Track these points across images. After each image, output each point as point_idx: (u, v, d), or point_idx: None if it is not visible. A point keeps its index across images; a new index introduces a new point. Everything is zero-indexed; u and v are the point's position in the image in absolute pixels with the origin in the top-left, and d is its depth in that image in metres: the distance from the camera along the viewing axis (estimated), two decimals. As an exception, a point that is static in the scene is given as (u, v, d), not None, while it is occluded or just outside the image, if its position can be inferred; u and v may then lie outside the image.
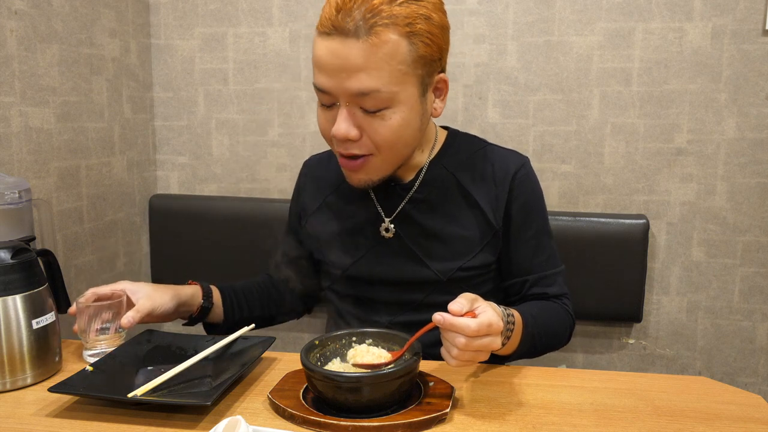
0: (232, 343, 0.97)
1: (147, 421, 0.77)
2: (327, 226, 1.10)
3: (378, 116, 0.89)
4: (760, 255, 1.60)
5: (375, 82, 0.86)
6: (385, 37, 0.84)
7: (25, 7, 1.31)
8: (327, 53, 0.87)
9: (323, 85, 0.89)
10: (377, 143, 0.92)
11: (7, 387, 0.87)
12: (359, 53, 0.84)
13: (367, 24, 0.84)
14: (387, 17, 0.84)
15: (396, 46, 0.85)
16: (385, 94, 0.87)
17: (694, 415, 0.79)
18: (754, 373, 1.64)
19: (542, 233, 1.06)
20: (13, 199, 1.06)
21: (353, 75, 0.86)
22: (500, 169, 1.04)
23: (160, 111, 1.82)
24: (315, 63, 0.90)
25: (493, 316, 0.78)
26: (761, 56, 1.52)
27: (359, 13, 0.84)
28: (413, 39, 0.86)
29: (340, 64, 0.86)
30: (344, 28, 0.84)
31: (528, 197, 1.05)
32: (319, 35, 0.88)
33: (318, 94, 0.92)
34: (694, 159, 1.59)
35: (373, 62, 0.85)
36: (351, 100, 0.88)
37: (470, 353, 0.77)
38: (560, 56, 1.60)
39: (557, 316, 1.03)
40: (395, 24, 0.84)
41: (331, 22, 0.85)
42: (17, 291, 0.88)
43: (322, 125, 0.95)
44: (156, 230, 1.80)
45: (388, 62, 0.86)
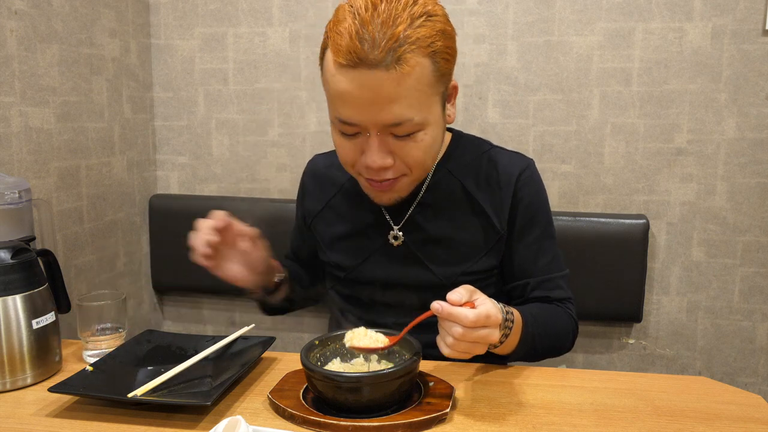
0: (232, 343, 0.97)
1: (147, 421, 0.77)
2: (331, 228, 1.10)
3: (410, 140, 0.87)
4: (760, 255, 1.60)
5: (408, 110, 0.84)
6: (413, 62, 0.81)
7: (25, 7, 1.31)
8: (355, 87, 0.82)
9: (352, 119, 0.86)
10: (410, 165, 0.90)
11: (7, 387, 0.87)
12: (390, 84, 0.81)
13: (395, 53, 0.80)
14: (412, 42, 0.81)
15: (423, 70, 0.83)
16: (417, 120, 0.85)
17: (694, 415, 0.79)
18: (754, 373, 1.64)
19: (546, 236, 1.05)
20: (13, 199, 1.06)
21: (385, 107, 0.83)
22: (504, 173, 1.03)
23: (160, 111, 1.82)
24: (339, 96, 0.85)
25: (492, 308, 0.77)
26: (761, 56, 1.52)
27: (385, 43, 0.79)
28: (436, 58, 0.84)
29: (370, 97, 0.82)
30: (371, 59, 0.80)
31: (532, 199, 1.03)
32: (341, 67, 0.82)
33: (341, 126, 0.88)
34: (694, 159, 1.59)
35: (404, 91, 0.82)
36: (383, 129, 0.86)
37: (466, 344, 0.77)
38: (560, 56, 1.60)
39: (559, 318, 1.01)
40: (419, 47, 0.82)
41: (356, 54, 0.80)
42: (17, 291, 0.88)
43: (347, 155, 0.92)
44: (156, 230, 1.80)
45: (418, 88, 0.83)
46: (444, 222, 1.02)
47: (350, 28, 0.81)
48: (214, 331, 1.89)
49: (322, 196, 1.12)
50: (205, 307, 1.90)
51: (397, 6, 0.81)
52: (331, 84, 0.85)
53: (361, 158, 0.90)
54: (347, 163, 0.94)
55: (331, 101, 0.88)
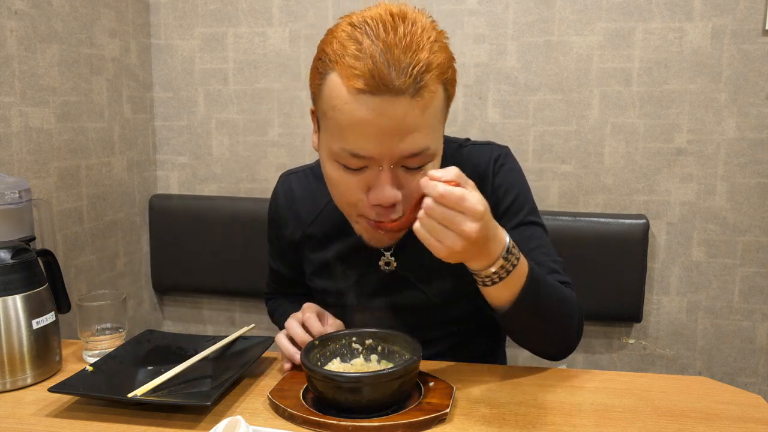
0: (232, 343, 0.97)
1: (147, 421, 0.77)
2: (315, 255, 1.04)
3: (419, 172, 0.81)
4: (760, 255, 1.60)
5: (427, 140, 0.78)
6: (433, 89, 0.76)
7: (25, 7, 1.31)
8: (375, 116, 0.74)
9: (368, 151, 0.77)
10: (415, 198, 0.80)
11: (7, 387, 0.87)
12: (414, 113, 0.75)
13: (421, 81, 0.74)
14: (435, 68, 0.76)
15: (439, 98, 0.79)
16: (433, 150, 0.80)
17: (694, 415, 0.79)
18: (754, 373, 1.64)
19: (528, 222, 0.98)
20: (13, 199, 1.06)
21: (407, 137, 0.76)
22: (480, 168, 0.97)
23: (160, 111, 1.82)
24: (353, 125, 0.76)
25: (474, 195, 0.70)
26: (761, 56, 1.52)
27: (411, 68, 0.73)
28: (447, 85, 0.81)
29: (392, 127, 0.75)
30: (397, 86, 0.73)
31: (507, 187, 0.97)
32: (359, 94, 0.74)
33: (348, 159, 0.79)
34: (694, 159, 1.59)
35: (426, 120, 0.77)
36: (397, 162, 0.79)
37: (434, 223, 0.70)
38: (560, 56, 1.60)
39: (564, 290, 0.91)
40: (438, 74, 0.77)
41: (381, 80, 0.73)
42: (17, 291, 0.88)
43: (349, 194, 0.83)
44: (156, 230, 1.80)
45: (435, 116, 0.79)
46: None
47: (371, 49, 0.74)
48: (214, 331, 1.89)
49: (300, 222, 1.05)
50: (205, 307, 1.90)
51: (415, 30, 0.76)
52: (342, 113, 0.76)
53: (365, 196, 0.82)
54: (347, 202, 0.85)
55: (338, 132, 0.79)
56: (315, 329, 0.91)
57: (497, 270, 0.76)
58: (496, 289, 0.79)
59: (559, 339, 0.92)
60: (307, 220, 1.04)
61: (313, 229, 1.03)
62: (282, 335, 0.92)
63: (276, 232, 1.10)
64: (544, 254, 0.96)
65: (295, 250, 1.08)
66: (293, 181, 1.08)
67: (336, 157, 0.81)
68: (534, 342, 0.92)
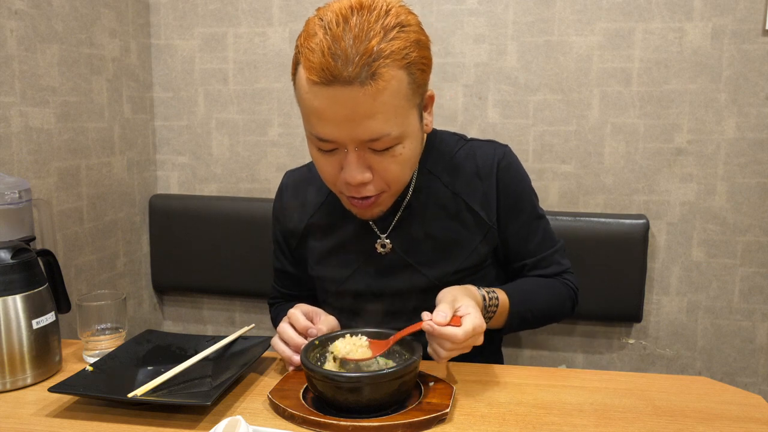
0: (232, 343, 0.97)
1: (147, 421, 0.77)
2: (317, 244, 1.08)
3: (388, 154, 0.86)
4: (760, 255, 1.60)
5: (385, 125, 0.82)
6: (388, 76, 0.79)
7: (25, 7, 1.31)
8: (330, 104, 0.81)
9: (329, 136, 0.84)
10: (389, 180, 0.89)
11: (7, 387, 0.87)
12: (366, 100, 0.79)
13: (369, 69, 0.78)
14: (387, 56, 0.79)
15: (398, 83, 0.81)
16: (395, 134, 0.84)
17: (694, 415, 0.79)
18: (754, 373, 1.64)
19: (533, 217, 1.06)
20: (13, 199, 1.06)
21: (362, 123, 0.81)
22: (484, 164, 1.02)
23: (160, 111, 1.82)
24: (314, 113, 0.83)
25: (477, 319, 0.81)
26: (761, 56, 1.52)
27: (359, 58, 0.77)
28: (411, 69, 0.82)
29: (346, 114, 0.81)
30: (345, 76, 0.78)
31: (515, 185, 1.04)
32: (314, 85, 0.80)
33: (317, 143, 0.87)
34: (694, 159, 1.59)
35: (380, 106, 0.81)
36: (360, 145, 0.85)
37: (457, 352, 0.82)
38: (560, 56, 1.60)
39: (554, 290, 1.06)
40: (394, 60, 0.80)
41: (329, 72, 0.78)
42: (17, 291, 0.88)
43: (327, 172, 0.91)
44: (156, 230, 1.80)
45: (394, 102, 0.82)
46: (430, 223, 1.01)
47: (322, 43, 0.78)
48: (214, 331, 1.89)
49: (304, 214, 1.09)
50: (205, 307, 1.90)
51: (369, 18, 0.79)
52: (306, 101, 0.83)
53: (340, 174, 0.88)
54: (328, 180, 0.93)
55: (306, 118, 0.86)
56: (299, 324, 0.92)
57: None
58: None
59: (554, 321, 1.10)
60: (310, 211, 1.09)
61: (316, 218, 1.08)
62: (277, 339, 0.93)
63: (281, 226, 1.14)
64: (548, 247, 1.08)
65: (298, 241, 1.11)
66: (296, 176, 1.14)
67: (310, 140, 0.89)
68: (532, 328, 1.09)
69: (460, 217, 1.02)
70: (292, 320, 0.93)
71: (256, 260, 1.70)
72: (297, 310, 0.95)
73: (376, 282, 1.03)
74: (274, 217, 1.16)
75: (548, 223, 1.09)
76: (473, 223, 1.02)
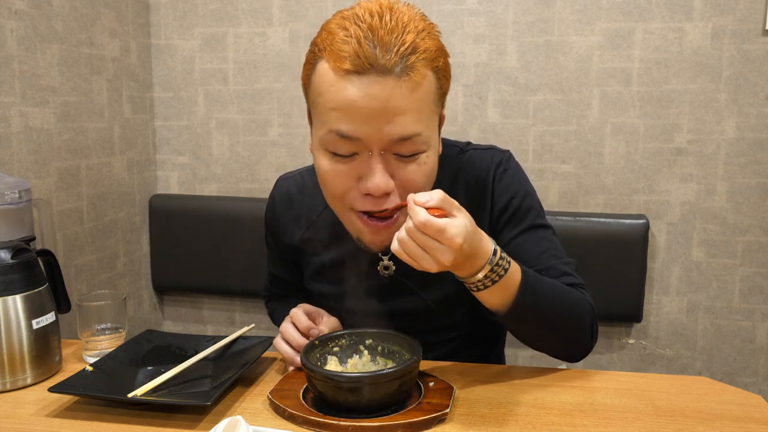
0: (232, 343, 0.97)
1: (147, 421, 0.77)
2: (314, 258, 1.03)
3: (413, 161, 0.80)
4: (760, 255, 1.60)
5: (417, 124, 0.77)
6: (423, 72, 0.76)
7: (25, 7, 1.31)
8: (362, 95, 0.74)
9: (354, 133, 0.76)
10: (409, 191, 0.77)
11: (7, 387, 0.87)
12: (402, 93, 0.75)
13: (407, 60, 0.75)
14: (422, 52, 0.76)
15: (429, 84, 0.78)
16: (424, 137, 0.79)
17: (694, 415, 0.79)
18: (754, 373, 1.64)
19: (535, 226, 0.96)
20: (13, 199, 1.06)
21: (394, 118, 0.76)
22: (480, 174, 0.96)
23: (160, 111, 1.82)
24: (340, 108, 0.76)
25: (454, 227, 0.70)
26: (761, 56, 1.52)
27: (397, 48, 0.74)
28: (438, 74, 0.80)
29: (379, 107, 0.75)
30: (383, 64, 0.73)
31: (511, 193, 0.96)
32: (347, 74, 0.75)
33: (336, 143, 0.78)
34: (694, 159, 1.59)
35: (414, 102, 0.76)
36: (387, 147, 0.78)
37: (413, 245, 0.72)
38: (560, 56, 1.60)
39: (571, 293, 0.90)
40: (427, 59, 0.77)
41: (366, 59, 0.73)
42: (17, 291, 0.88)
43: (338, 184, 0.81)
44: (156, 230, 1.80)
45: (426, 102, 0.78)
46: None
47: (356, 33, 0.75)
48: (214, 331, 1.89)
49: (297, 228, 1.04)
50: (205, 307, 1.90)
51: (401, 17, 0.77)
52: (330, 95, 0.77)
53: (357, 185, 0.80)
54: (336, 194, 0.83)
55: (327, 116, 0.78)
56: (301, 324, 0.91)
57: (482, 279, 0.77)
58: (487, 293, 0.80)
59: (567, 342, 0.92)
60: (305, 224, 1.03)
61: (311, 232, 1.03)
62: (279, 339, 0.93)
63: (273, 236, 1.10)
64: (554, 257, 0.94)
65: (293, 254, 1.07)
66: (290, 185, 1.07)
67: (325, 144, 0.80)
68: (542, 343, 0.92)
69: None
70: (294, 320, 0.93)
71: (256, 260, 1.69)
72: (299, 310, 0.94)
73: (373, 301, 0.99)
74: (266, 223, 1.11)
75: (555, 235, 0.98)
76: None
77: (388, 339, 0.88)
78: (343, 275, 1.00)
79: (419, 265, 0.74)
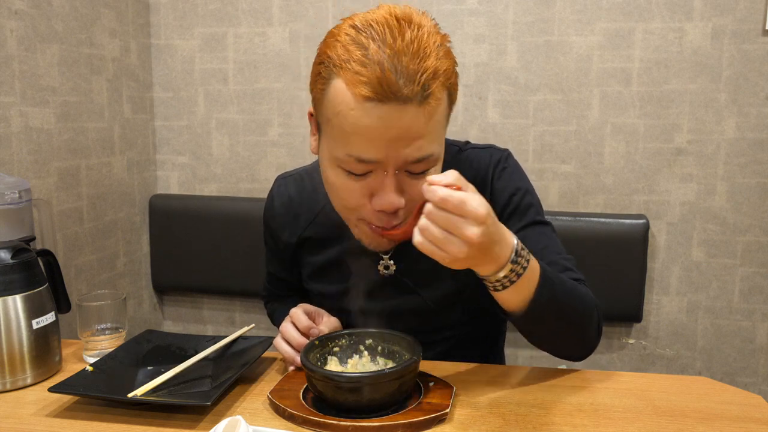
0: (232, 343, 0.97)
1: (147, 421, 0.77)
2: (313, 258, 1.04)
3: (422, 177, 0.79)
4: (760, 255, 1.60)
5: (431, 146, 0.78)
6: (438, 96, 0.76)
7: (25, 7, 1.31)
8: (382, 123, 0.73)
9: (373, 157, 0.76)
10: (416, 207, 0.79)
11: (7, 387, 0.87)
12: (421, 119, 0.74)
13: (427, 87, 0.74)
14: (441, 75, 0.75)
15: (443, 104, 0.78)
16: (437, 156, 0.80)
17: (694, 415, 0.79)
18: (754, 373, 1.64)
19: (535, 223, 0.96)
20: (13, 199, 1.06)
21: (412, 143, 0.75)
22: (479, 173, 0.96)
23: (160, 111, 1.82)
24: (358, 132, 0.75)
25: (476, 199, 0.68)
26: (761, 56, 1.52)
27: (419, 76, 0.73)
28: (451, 91, 0.80)
29: (398, 134, 0.74)
30: (405, 94, 0.72)
31: (509, 191, 0.96)
32: (366, 101, 0.73)
33: (353, 165, 0.78)
34: (694, 159, 1.59)
35: (432, 126, 0.76)
36: (402, 166, 0.78)
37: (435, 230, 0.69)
38: (560, 56, 1.60)
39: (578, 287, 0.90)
40: (444, 80, 0.76)
41: (389, 88, 0.72)
42: (17, 291, 0.88)
43: (352, 199, 0.82)
44: (156, 230, 1.80)
45: (441, 122, 0.79)
46: None
47: (378, 56, 0.72)
48: (214, 331, 1.89)
49: (297, 226, 1.04)
50: (205, 307, 1.90)
51: (421, 35, 0.74)
52: (349, 119, 0.75)
53: (368, 201, 0.81)
54: (350, 207, 0.83)
55: (343, 138, 0.77)
56: (301, 324, 0.91)
57: (507, 274, 0.75)
58: (508, 293, 0.77)
59: (578, 338, 0.91)
60: (303, 224, 1.03)
61: (310, 232, 1.03)
62: (279, 339, 0.93)
63: (272, 235, 1.09)
64: (554, 253, 0.94)
65: (292, 253, 1.07)
66: (289, 185, 1.07)
67: (340, 163, 0.79)
68: (553, 343, 0.91)
69: None
70: (294, 319, 0.92)
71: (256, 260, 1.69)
72: (299, 309, 0.94)
73: (373, 301, 0.98)
74: (265, 223, 1.11)
75: (555, 233, 0.99)
76: None
77: (388, 339, 0.88)
78: (343, 274, 1.00)
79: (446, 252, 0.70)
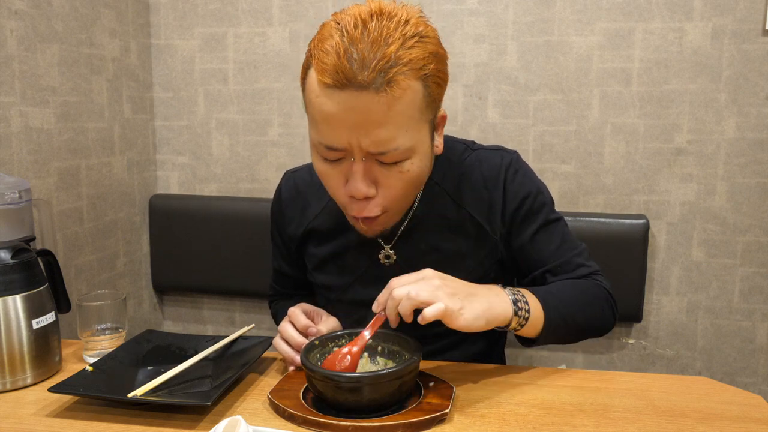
0: (232, 343, 0.97)
1: (147, 421, 0.77)
2: (317, 250, 1.05)
3: (395, 169, 0.82)
4: (760, 255, 1.60)
5: (396, 136, 0.79)
6: (404, 85, 0.76)
7: (25, 7, 1.31)
8: (341, 109, 0.77)
9: (336, 144, 0.80)
10: (393, 197, 0.85)
11: (7, 387, 0.87)
12: (380, 107, 0.76)
13: (386, 75, 0.75)
14: (404, 63, 0.76)
15: (413, 94, 0.78)
16: (405, 147, 0.80)
17: (694, 415, 0.79)
18: (754, 373, 1.64)
19: (549, 221, 1.00)
20: (13, 199, 1.06)
21: (373, 131, 0.77)
22: (491, 174, 0.99)
23: (160, 111, 1.82)
24: (323, 119, 0.79)
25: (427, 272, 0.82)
26: (761, 56, 1.52)
27: (376, 63, 0.74)
28: (427, 81, 0.79)
29: (357, 120, 0.77)
30: (360, 80, 0.74)
31: (524, 192, 0.99)
32: (326, 88, 0.77)
33: (323, 151, 0.82)
34: (694, 159, 1.59)
35: (393, 115, 0.77)
36: (368, 155, 0.81)
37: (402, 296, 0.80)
38: (560, 56, 1.60)
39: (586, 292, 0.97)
40: (411, 69, 0.77)
41: (343, 75, 0.74)
42: (17, 291, 0.88)
43: (331, 182, 0.86)
44: (156, 230, 1.80)
45: (408, 113, 0.79)
46: (434, 235, 0.98)
47: (337, 45, 0.75)
48: (214, 331, 1.89)
49: (303, 219, 1.07)
50: (205, 307, 1.90)
51: (388, 25, 0.76)
52: (315, 106, 0.79)
53: (344, 187, 0.84)
54: (333, 193, 0.88)
55: (314, 124, 0.82)
56: (299, 323, 0.92)
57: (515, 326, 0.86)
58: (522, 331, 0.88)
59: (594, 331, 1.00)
60: (310, 216, 1.06)
61: (317, 223, 1.05)
62: (278, 339, 0.93)
63: (279, 229, 1.12)
64: (567, 250, 1.01)
65: (298, 246, 1.09)
66: (297, 178, 1.10)
67: (316, 148, 0.84)
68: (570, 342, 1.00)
69: (464, 229, 0.99)
70: (292, 319, 0.93)
71: (256, 260, 1.70)
72: (298, 309, 0.95)
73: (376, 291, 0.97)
74: (272, 217, 1.14)
75: (566, 225, 1.03)
76: (477, 236, 0.99)
77: (388, 339, 0.88)
78: (345, 265, 1.03)
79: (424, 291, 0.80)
